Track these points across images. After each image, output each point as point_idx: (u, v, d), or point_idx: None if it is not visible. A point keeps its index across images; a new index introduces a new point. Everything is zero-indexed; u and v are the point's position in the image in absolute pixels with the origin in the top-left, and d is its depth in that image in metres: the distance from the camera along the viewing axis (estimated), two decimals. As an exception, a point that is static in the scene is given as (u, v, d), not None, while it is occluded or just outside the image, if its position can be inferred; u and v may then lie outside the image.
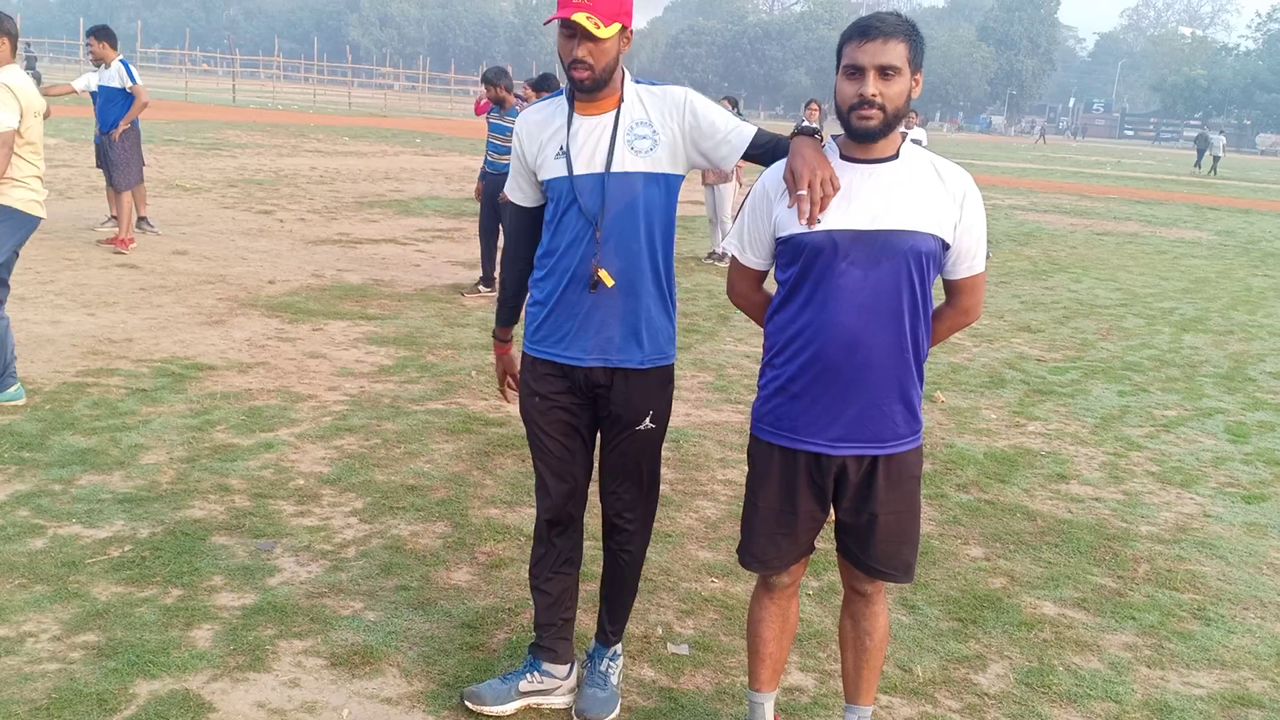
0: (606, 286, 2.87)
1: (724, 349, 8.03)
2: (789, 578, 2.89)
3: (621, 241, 2.87)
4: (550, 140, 2.92)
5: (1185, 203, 27.88)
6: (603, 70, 2.80)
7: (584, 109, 2.90)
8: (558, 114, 2.95)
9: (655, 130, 2.88)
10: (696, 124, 2.89)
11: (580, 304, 2.90)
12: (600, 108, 2.89)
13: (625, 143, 2.86)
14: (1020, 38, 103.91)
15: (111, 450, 5.02)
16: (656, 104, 2.90)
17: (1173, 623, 4.04)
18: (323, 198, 15.59)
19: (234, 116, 33.01)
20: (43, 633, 3.40)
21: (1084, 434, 6.45)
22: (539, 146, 2.94)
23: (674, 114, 2.89)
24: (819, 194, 2.53)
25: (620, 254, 2.88)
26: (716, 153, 2.92)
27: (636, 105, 2.90)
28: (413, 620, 3.66)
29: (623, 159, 2.86)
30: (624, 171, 2.85)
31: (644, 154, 2.87)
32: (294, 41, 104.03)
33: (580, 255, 2.87)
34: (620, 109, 2.88)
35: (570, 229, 2.88)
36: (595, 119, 2.88)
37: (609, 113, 2.88)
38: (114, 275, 9.02)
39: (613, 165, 2.85)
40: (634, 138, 2.87)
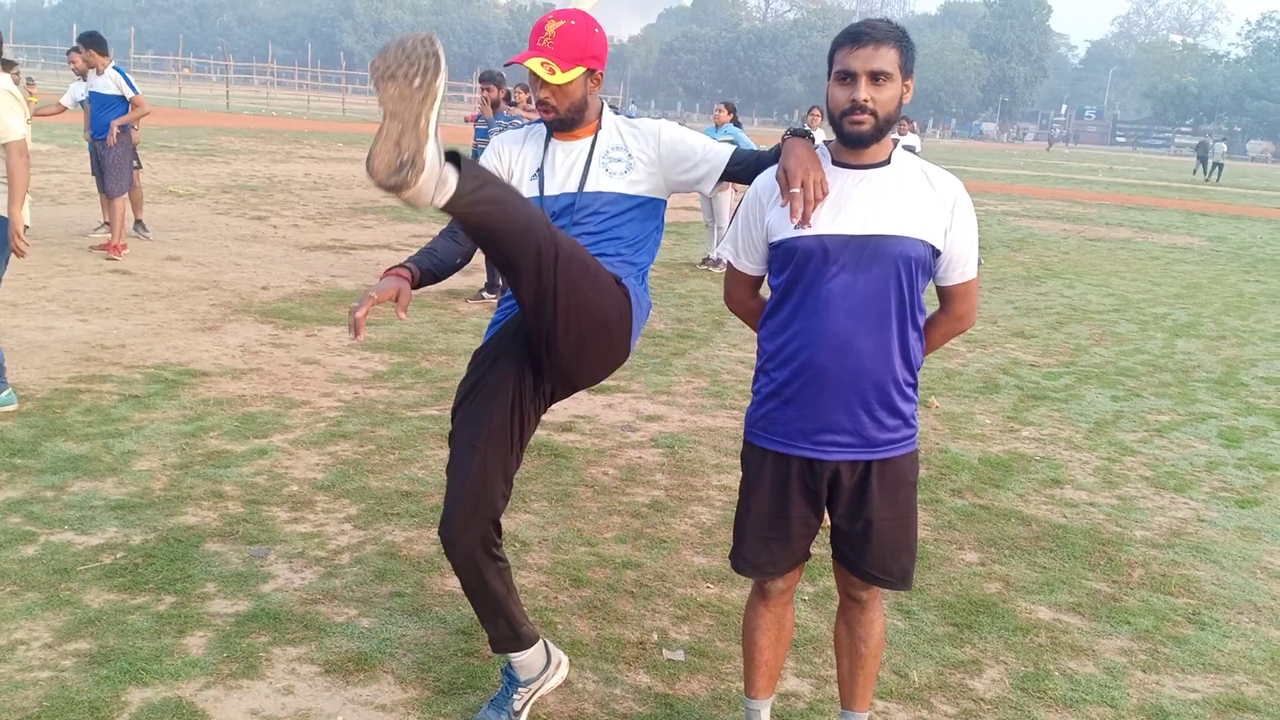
0: None
1: (719, 355, 8.03)
2: (784, 584, 2.89)
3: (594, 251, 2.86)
4: (529, 159, 3.00)
5: (1177, 209, 27.98)
6: (567, 110, 2.90)
7: (562, 136, 2.99)
8: (536, 138, 3.04)
9: (630, 155, 2.95)
10: (672, 150, 2.96)
11: None
12: (577, 134, 2.98)
13: (600, 164, 2.94)
14: (1012, 45, 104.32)
15: (104, 457, 5.00)
16: (632, 133, 2.99)
17: (1167, 627, 4.04)
18: (316, 204, 15.58)
19: (228, 122, 32.97)
20: (34, 640, 3.38)
21: (1078, 439, 6.46)
22: (514, 159, 3.02)
23: (649, 142, 2.96)
24: (812, 193, 2.54)
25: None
26: (695, 174, 2.97)
27: (613, 133, 2.98)
28: (407, 627, 3.64)
29: (597, 179, 2.93)
30: (597, 191, 2.92)
31: (618, 175, 2.94)
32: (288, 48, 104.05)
33: None
34: (597, 135, 2.98)
35: None
36: (572, 144, 2.98)
37: (585, 139, 2.98)
38: (107, 281, 8.99)
39: (586, 185, 2.93)
40: (608, 160, 2.94)
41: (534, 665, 3.11)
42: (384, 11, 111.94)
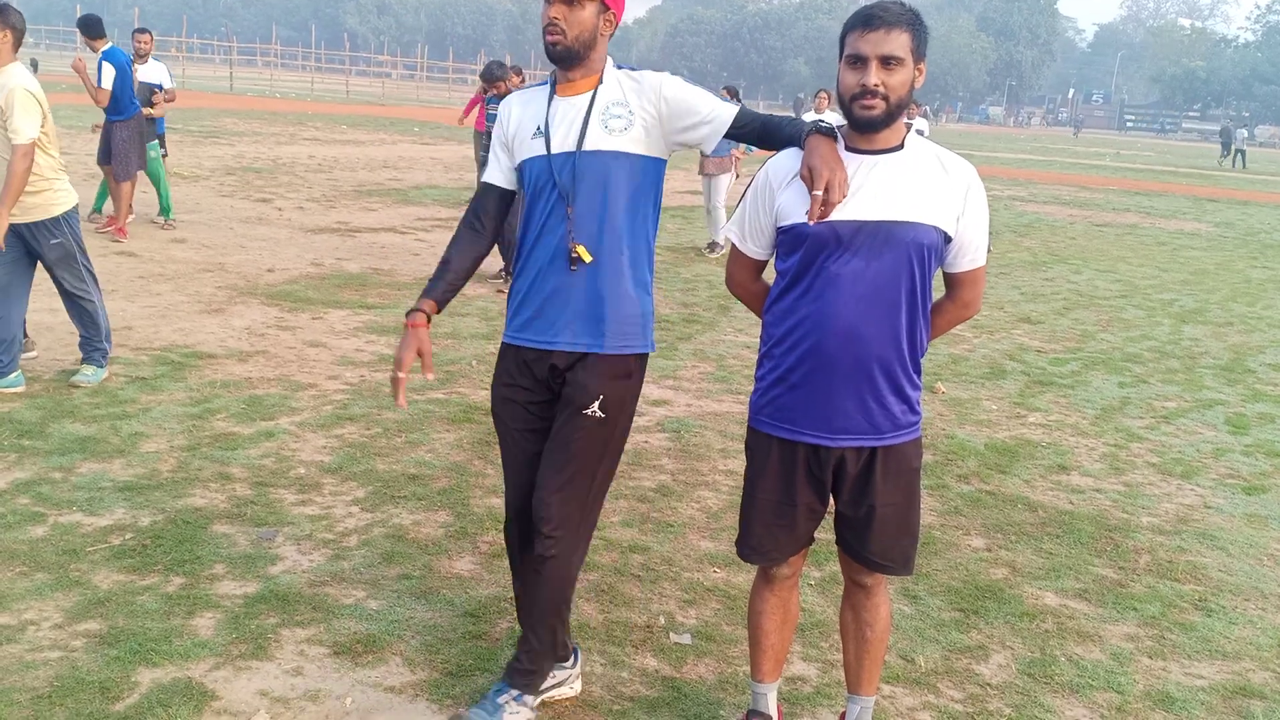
0: (585, 262, 2.85)
1: (724, 339, 8.02)
2: (789, 569, 2.89)
3: (592, 219, 2.85)
4: (529, 120, 2.93)
5: (1184, 194, 27.88)
6: (575, 40, 2.80)
7: (564, 90, 2.91)
8: (539, 96, 2.96)
9: (631, 111, 2.85)
10: (673, 106, 2.85)
11: (558, 283, 2.87)
12: (578, 88, 2.89)
13: (599, 121, 2.85)
14: (1020, 28, 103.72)
15: (112, 438, 5.01)
16: (634, 88, 2.88)
17: (1174, 614, 4.05)
18: (321, 186, 15.56)
19: (231, 104, 32.91)
20: (44, 621, 3.39)
21: (1084, 425, 6.46)
22: (518, 125, 2.95)
23: (650, 97, 2.86)
24: (835, 195, 2.51)
25: (598, 230, 2.86)
26: (696, 134, 2.89)
27: (614, 87, 2.89)
28: (415, 609, 3.65)
29: (595, 138, 2.84)
30: (595, 150, 2.84)
31: (617, 133, 2.85)
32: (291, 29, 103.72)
33: (560, 234, 2.85)
34: (598, 90, 2.88)
35: (547, 207, 2.87)
36: (573, 99, 2.89)
37: (586, 93, 2.88)
38: (113, 263, 8.99)
39: (584, 144, 2.84)
40: (609, 117, 2.85)
41: None
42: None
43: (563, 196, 2.84)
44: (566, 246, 2.83)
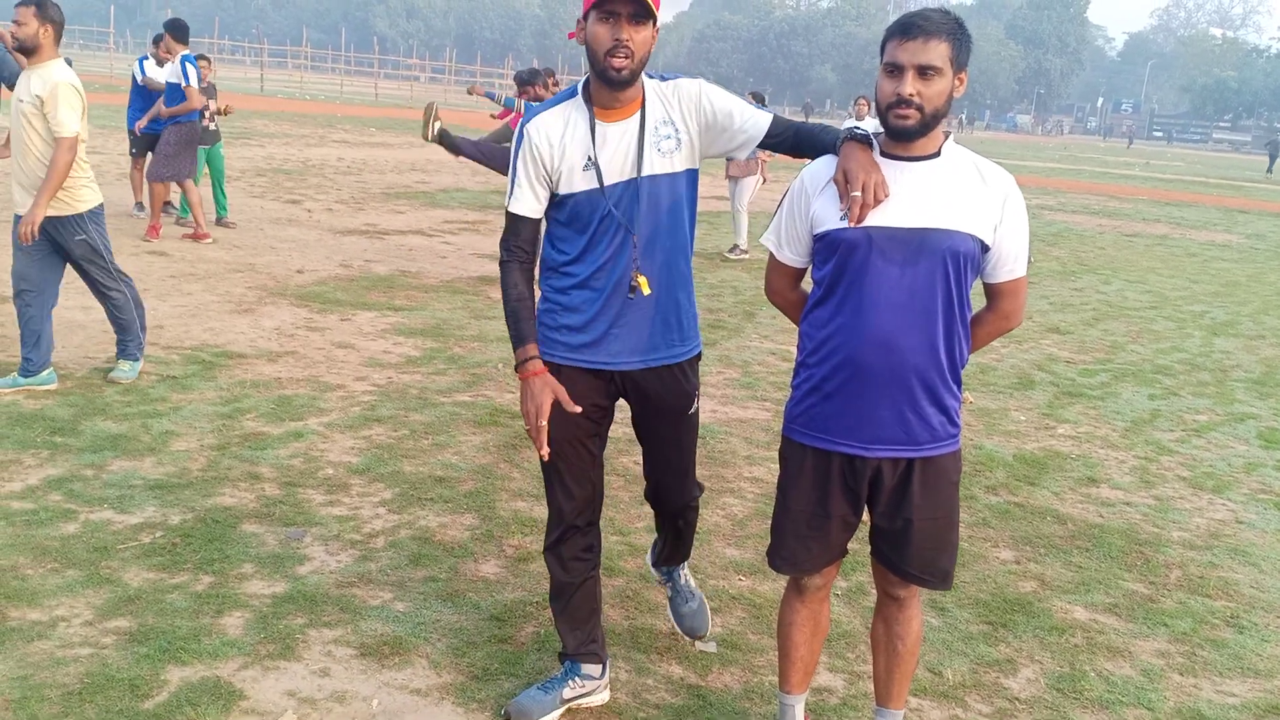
0: (645, 294, 2.84)
1: (750, 345, 8.01)
2: (821, 580, 2.87)
3: (658, 245, 2.84)
4: (573, 148, 2.79)
5: (1215, 205, 27.63)
6: (639, 62, 2.69)
7: (607, 114, 2.80)
8: (576, 119, 2.81)
9: (677, 129, 2.82)
10: (715, 118, 2.83)
11: (620, 310, 2.86)
12: (624, 112, 2.79)
13: (652, 145, 2.79)
14: (1049, 36, 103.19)
15: (142, 436, 5.05)
16: (675, 100, 2.82)
17: (1205, 630, 4.00)
18: (350, 188, 15.65)
19: (262, 106, 33.14)
20: (75, 617, 3.42)
21: (1114, 437, 6.40)
22: (560, 154, 2.80)
23: (691, 109, 2.82)
24: (870, 196, 2.51)
25: (657, 257, 2.85)
26: (733, 143, 2.87)
27: (658, 104, 2.82)
28: (441, 612, 3.66)
29: (651, 162, 2.79)
30: (653, 175, 2.80)
31: (669, 154, 2.81)
32: (322, 32, 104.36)
33: (623, 265, 2.82)
34: (644, 109, 2.80)
35: (608, 240, 2.82)
36: (620, 125, 2.79)
37: (633, 116, 2.80)
38: (144, 262, 9.07)
39: (643, 169, 2.78)
40: (659, 139, 2.80)
41: None
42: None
43: (624, 227, 2.80)
44: (630, 275, 2.82)
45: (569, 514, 3.05)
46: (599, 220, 2.80)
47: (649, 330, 2.90)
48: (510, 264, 2.90)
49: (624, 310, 2.86)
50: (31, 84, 5.30)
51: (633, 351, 2.92)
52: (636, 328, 2.89)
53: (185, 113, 10.12)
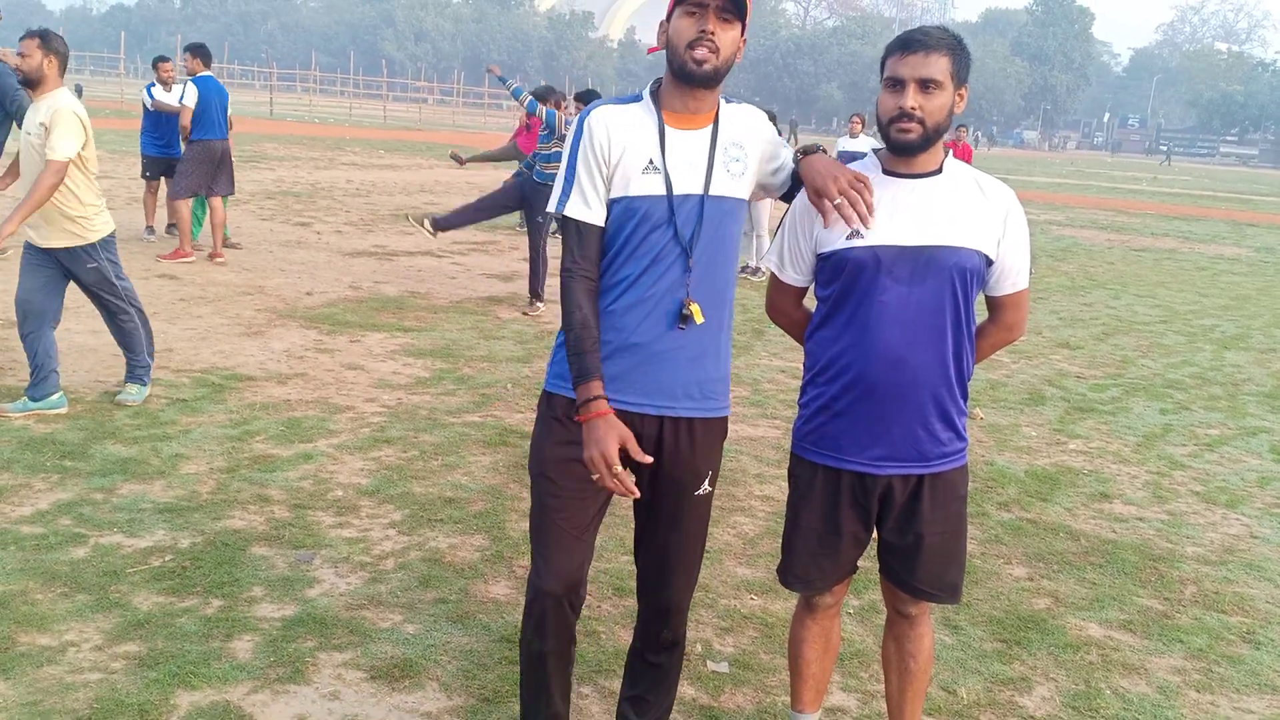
0: (697, 324, 2.53)
1: (759, 364, 7.99)
2: (832, 598, 2.86)
3: (713, 272, 2.55)
4: (637, 149, 2.51)
5: (1223, 219, 27.57)
6: (724, 62, 2.46)
7: (679, 120, 2.54)
8: (644, 119, 2.54)
9: (746, 153, 2.58)
10: (768, 150, 2.63)
11: (658, 343, 2.53)
12: (696, 121, 2.54)
13: (722, 163, 2.54)
14: (1054, 53, 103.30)
15: (152, 460, 5.05)
16: (744, 123, 2.61)
17: (1221, 646, 3.97)
18: (359, 210, 15.70)
19: (271, 129, 33.33)
20: (84, 642, 3.41)
21: (1126, 452, 6.37)
22: (622, 151, 2.50)
23: (758, 137, 2.62)
24: (854, 197, 2.47)
25: (710, 287, 2.55)
26: (775, 179, 2.68)
27: (730, 122, 2.58)
28: (452, 634, 3.64)
29: (721, 181, 2.54)
30: (721, 195, 2.53)
31: (737, 177, 2.56)
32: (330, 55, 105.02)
33: (668, 286, 2.51)
34: (718, 124, 2.56)
35: (656, 255, 2.50)
36: (690, 134, 2.53)
37: (705, 127, 2.55)
38: (154, 286, 9.10)
39: (711, 187, 2.52)
40: (729, 159, 2.55)
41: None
42: (425, 20, 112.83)
43: (680, 246, 2.50)
44: (679, 303, 2.51)
45: (558, 576, 2.63)
46: (654, 233, 2.50)
47: (684, 373, 2.57)
48: (573, 281, 2.54)
49: (663, 344, 2.53)
50: (38, 113, 5.34)
51: (660, 395, 2.57)
52: (672, 367, 2.55)
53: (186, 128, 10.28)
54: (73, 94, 5.50)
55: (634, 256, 2.51)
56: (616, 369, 2.54)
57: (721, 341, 2.63)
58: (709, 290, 2.55)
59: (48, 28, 5.61)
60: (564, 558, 2.62)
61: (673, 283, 2.51)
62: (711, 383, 2.62)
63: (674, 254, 2.50)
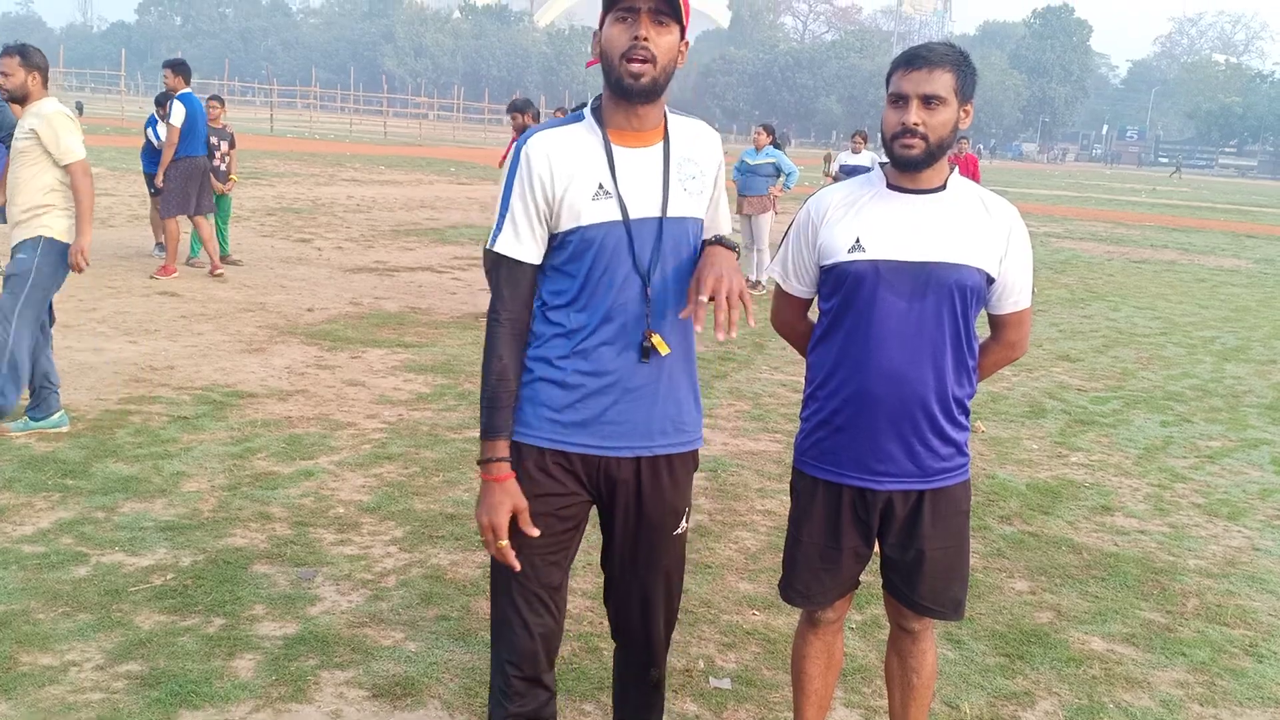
0: (660, 355, 2.37)
1: (760, 377, 8.00)
2: (834, 613, 2.86)
3: (669, 299, 2.38)
4: (584, 173, 2.30)
5: (1222, 230, 27.61)
6: (662, 71, 2.26)
7: (626, 138, 2.34)
8: (589, 141, 2.34)
9: (702, 169, 2.42)
10: (719, 174, 2.49)
11: (631, 379, 2.37)
12: (643, 138, 2.35)
13: (678, 181, 2.36)
14: (1053, 65, 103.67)
15: (153, 478, 5.05)
16: (697, 138, 2.44)
17: (1224, 659, 3.96)
18: (359, 226, 15.73)
19: (272, 146, 33.41)
20: (86, 662, 3.41)
21: (1127, 465, 6.37)
22: (567, 180, 2.30)
23: (712, 159, 2.47)
24: (735, 304, 2.28)
25: (672, 316, 2.40)
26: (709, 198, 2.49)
27: (681, 137, 2.41)
28: (454, 651, 3.64)
29: (679, 201, 2.36)
30: (680, 216, 2.36)
31: (695, 195, 2.40)
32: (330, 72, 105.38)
33: (634, 318, 2.34)
34: (668, 140, 2.38)
35: (619, 285, 2.32)
36: (640, 151, 2.35)
37: (656, 144, 2.36)
38: (155, 303, 9.12)
39: (669, 208, 2.35)
40: (685, 176, 2.38)
41: None
42: (424, 35, 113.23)
43: (639, 273, 2.33)
44: (640, 335, 2.35)
45: (524, 655, 2.44)
46: (614, 262, 2.32)
47: (660, 408, 2.42)
48: (498, 326, 2.36)
49: (629, 381, 2.36)
50: (27, 121, 5.37)
51: (637, 435, 2.41)
52: (648, 403, 2.40)
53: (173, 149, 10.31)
54: (57, 101, 5.52)
55: (598, 290, 2.32)
56: (589, 412, 2.36)
57: (690, 368, 2.51)
58: (673, 318, 2.40)
59: (24, 43, 5.61)
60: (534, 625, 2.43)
61: (637, 314, 2.34)
62: (686, 414, 2.48)
63: (632, 283, 2.33)
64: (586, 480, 2.43)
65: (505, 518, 2.33)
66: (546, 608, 2.45)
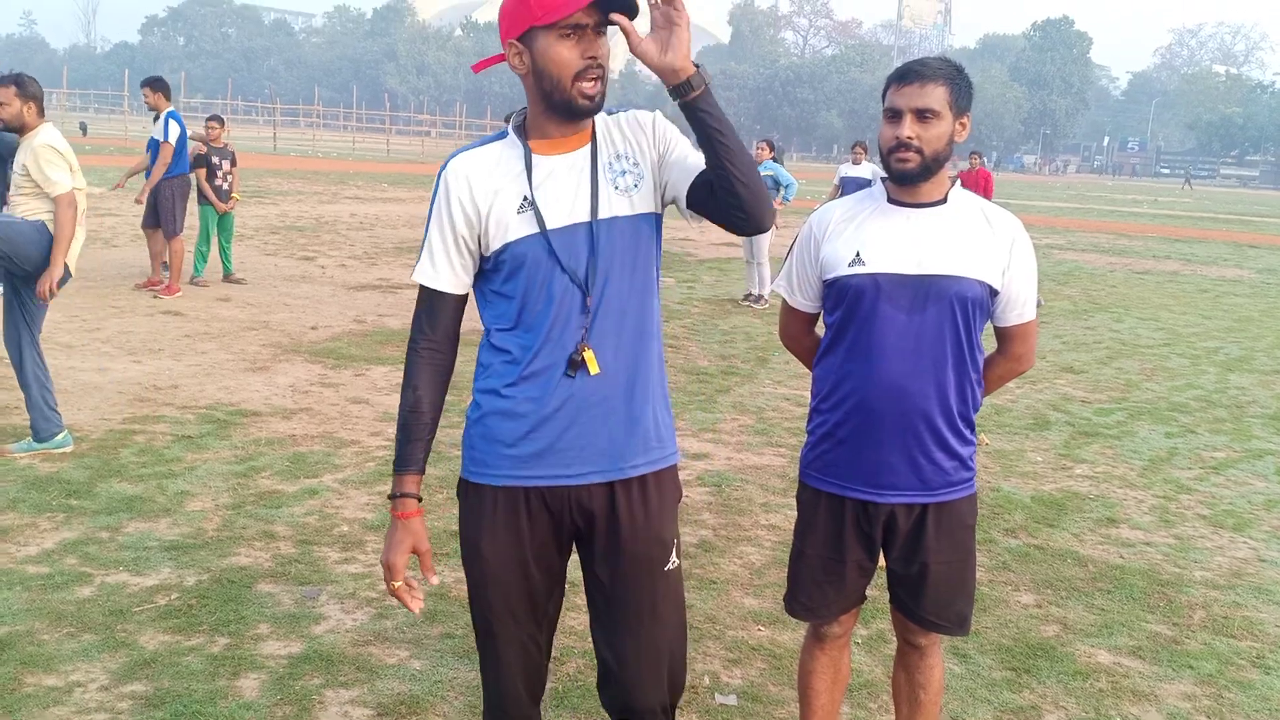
0: (590, 374, 2.18)
1: (764, 391, 8.00)
2: (840, 628, 2.85)
3: (619, 308, 2.21)
4: (508, 189, 2.18)
5: (1225, 241, 27.61)
6: (607, 84, 2.19)
7: (545, 147, 2.20)
8: (509, 155, 2.22)
9: (637, 163, 2.24)
10: (668, 144, 2.27)
11: (579, 399, 2.20)
12: (569, 144, 2.21)
13: (608, 181, 2.21)
14: (1053, 77, 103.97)
15: (158, 497, 5.06)
16: (631, 131, 2.27)
17: (1231, 671, 3.94)
18: (363, 243, 15.77)
19: (275, 164, 33.51)
20: (91, 682, 3.40)
21: (1132, 476, 6.35)
22: (490, 199, 2.17)
23: (643, 139, 2.27)
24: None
25: (619, 325, 2.21)
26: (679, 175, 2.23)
27: (609, 134, 2.26)
28: (458, 669, 3.63)
29: (610, 201, 2.20)
30: (614, 216, 2.20)
31: (629, 191, 2.22)
32: (333, 90, 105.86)
33: (573, 336, 2.18)
34: (595, 140, 2.23)
35: (556, 302, 2.17)
36: (564, 157, 2.20)
37: (582, 147, 2.22)
38: (159, 322, 9.14)
39: (600, 210, 2.18)
40: (616, 174, 2.22)
41: None
42: (427, 53, 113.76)
43: (576, 285, 2.18)
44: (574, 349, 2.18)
45: (506, 699, 2.37)
46: (546, 277, 2.17)
47: (620, 427, 2.23)
48: (416, 356, 2.28)
49: (585, 399, 2.20)
50: (20, 155, 5.44)
51: (598, 458, 2.23)
52: (604, 423, 2.22)
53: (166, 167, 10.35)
54: (51, 128, 5.54)
55: (536, 309, 2.19)
56: (545, 440, 2.21)
57: (653, 377, 2.29)
58: (620, 331, 2.21)
59: (20, 73, 5.65)
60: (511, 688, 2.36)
61: (574, 327, 2.18)
62: (656, 428, 2.29)
63: (575, 296, 2.18)
64: (558, 517, 2.27)
65: (403, 558, 2.24)
66: (526, 651, 2.34)
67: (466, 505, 2.34)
